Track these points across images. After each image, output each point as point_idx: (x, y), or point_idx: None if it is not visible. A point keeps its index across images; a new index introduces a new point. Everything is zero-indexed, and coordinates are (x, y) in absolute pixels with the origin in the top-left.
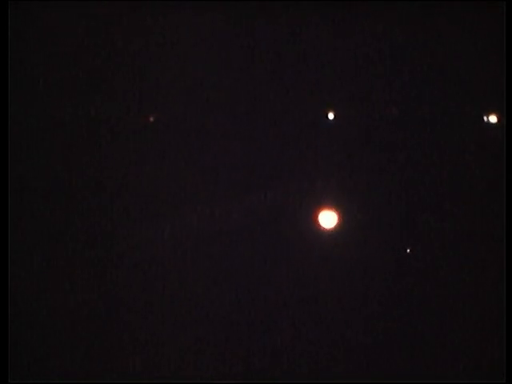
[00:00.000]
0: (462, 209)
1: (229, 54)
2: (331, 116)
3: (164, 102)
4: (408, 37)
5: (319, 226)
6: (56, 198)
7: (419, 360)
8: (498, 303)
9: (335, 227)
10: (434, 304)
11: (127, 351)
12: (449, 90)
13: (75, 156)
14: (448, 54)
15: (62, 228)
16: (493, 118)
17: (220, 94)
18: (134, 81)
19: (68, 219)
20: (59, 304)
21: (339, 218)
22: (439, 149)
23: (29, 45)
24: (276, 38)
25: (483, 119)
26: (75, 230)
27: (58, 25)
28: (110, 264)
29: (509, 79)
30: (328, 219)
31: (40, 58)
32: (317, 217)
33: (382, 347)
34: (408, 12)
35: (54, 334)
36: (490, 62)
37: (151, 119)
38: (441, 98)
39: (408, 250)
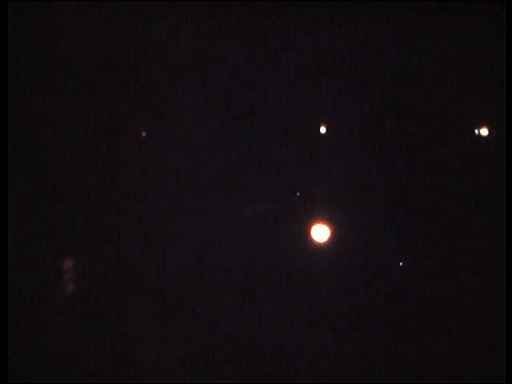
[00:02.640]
0: (460, 221)
1: (244, 58)
2: (323, 129)
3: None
4: (404, 40)
5: (312, 239)
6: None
7: (419, 360)
8: (498, 303)
9: (328, 241)
10: (433, 305)
11: (127, 351)
12: (448, 94)
13: (75, 158)
14: (447, 56)
15: (62, 231)
16: (494, 120)
17: (212, 103)
18: (136, 81)
19: (69, 220)
20: (59, 304)
21: (332, 232)
22: (436, 160)
23: (29, 45)
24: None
25: (482, 124)
26: (75, 231)
27: (59, 25)
28: (111, 265)
29: (509, 79)
30: (321, 233)
31: (40, 58)
32: (309, 230)
33: (378, 351)
34: (407, 14)
35: (54, 334)
36: (490, 63)
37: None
38: (439, 103)
39: (401, 264)
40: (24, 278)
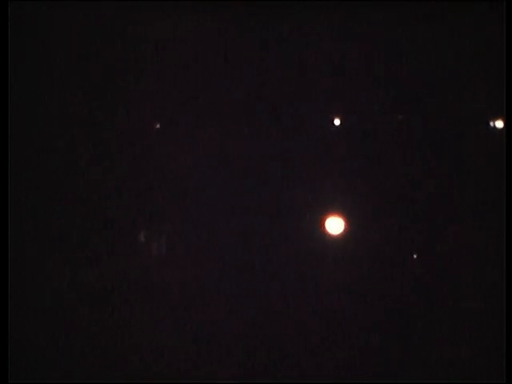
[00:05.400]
0: (471, 213)
1: (232, 60)
2: (337, 122)
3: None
4: (408, 38)
5: (326, 232)
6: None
7: (419, 360)
8: (498, 303)
9: (342, 233)
10: (435, 305)
11: (128, 351)
12: (452, 91)
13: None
14: (448, 55)
15: (63, 230)
16: (494, 119)
17: (223, 99)
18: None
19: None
20: (60, 304)
21: (346, 224)
22: (447, 152)
23: (29, 45)
24: (282, 42)
25: (485, 121)
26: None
27: (59, 25)
28: (111, 265)
29: (509, 79)
30: (334, 225)
31: (40, 58)
32: (323, 223)
33: (383, 348)
34: (407, 13)
35: (54, 334)
36: (490, 63)
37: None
38: (445, 99)
39: (415, 256)
40: (24, 279)
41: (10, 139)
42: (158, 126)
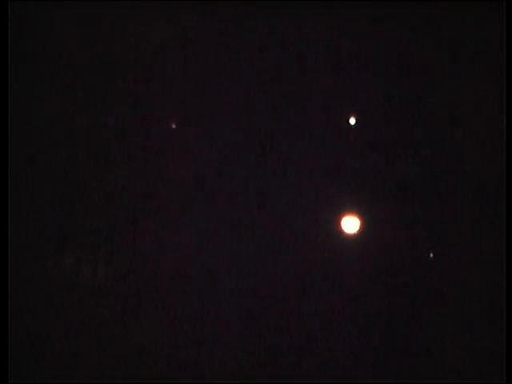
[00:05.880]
0: (490, 212)
1: (232, 60)
2: (353, 121)
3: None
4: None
5: (341, 231)
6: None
7: (419, 360)
8: (498, 303)
9: (358, 232)
10: (438, 305)
11: (128, 351)
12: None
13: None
14: (448, 55)
15: (63, 229)
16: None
17: (235, 98)
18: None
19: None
20: (60, 304)
21: (361, 223)
22: (462, 151)
23: (29, 45)
24: (295, 40)
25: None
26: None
27: (59, 25)
28: (112, 264)
29: (509, 79)
30: (350, 224)
31: (40, 58)
32: (339, 222)
33: (393, 348)
34: (407, 13)
35: (54, 334)
36: (490, 63)
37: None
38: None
39: (431, 255)
40: (24, 279)
41: (10, 139)
42: (157, 126)
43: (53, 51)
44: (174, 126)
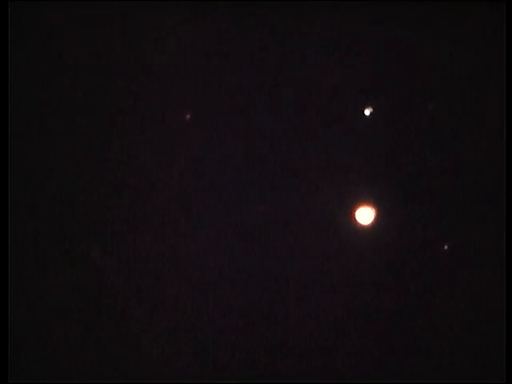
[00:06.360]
0: (507, 203)
1: (232, 60)
2: (368, 112)
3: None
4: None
5: (356, 222)
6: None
7: (419, 360)
8: (498, 303)
9: (372, 223)
10: (458, 299)
11: (128, 352)
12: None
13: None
14: (448, 56)
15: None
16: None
17: (223, 99)
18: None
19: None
20: (60, 304)
21: (376, 215)
22: (482, 143)
23: (29, 45)
24: (282, 42)
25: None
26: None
27: (59, 25)
28: (113, 264)
29: (509, 79)
30: (365, 216)
31: (40, 58)
32: (353, 213)
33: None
34: (407, 13)
35: (54, 334)
36: (490, 63)
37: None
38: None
39: (446, 247)
40: (24, 279)
41: (10, 139)
42: (157, 126)
43: (53, 51)
44: (173, 126)
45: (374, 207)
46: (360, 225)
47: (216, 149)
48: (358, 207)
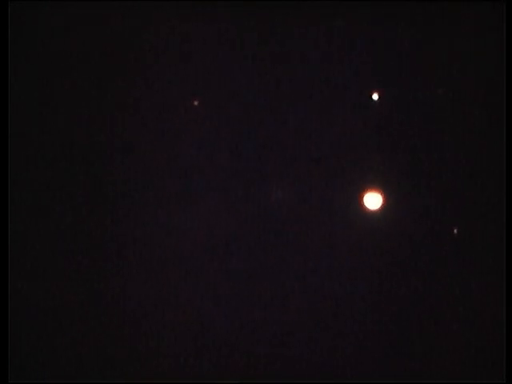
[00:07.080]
0: None
1: (232, 60)
2: (375, 96)
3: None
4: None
5: (364, 207)
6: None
7: (419, 359)
8: (499, 303)
9: (380, 209)
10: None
11: (128, 351)
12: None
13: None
14: (448, 56)
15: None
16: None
17: (223, 99)
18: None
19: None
20: (60, 304)
21: (384, 200)
22: (487, 129)
23: (29, 45)
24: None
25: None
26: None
27: (59, 25)
28: (114, 263)
29: (509, 79)
30: (373, 201)
31: (40, 58)
32: (361, 198)
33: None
34: (407, 13)
35: (54, 334)
36: (490, 63)
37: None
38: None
39: (455, 231)
40: (24, 279)
41: (10, 139)
42: (157, 126)
43: (53, 51)
44: (173, 126)
45: (382, 192)
46: (369, 210)
47: (215, 150)
48: (367, 193)
